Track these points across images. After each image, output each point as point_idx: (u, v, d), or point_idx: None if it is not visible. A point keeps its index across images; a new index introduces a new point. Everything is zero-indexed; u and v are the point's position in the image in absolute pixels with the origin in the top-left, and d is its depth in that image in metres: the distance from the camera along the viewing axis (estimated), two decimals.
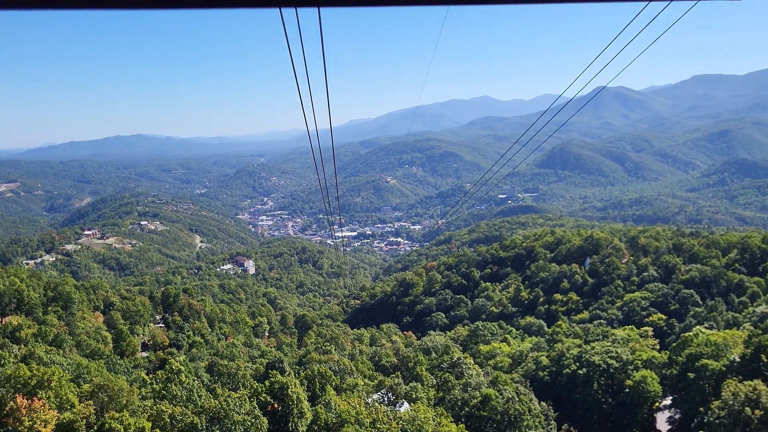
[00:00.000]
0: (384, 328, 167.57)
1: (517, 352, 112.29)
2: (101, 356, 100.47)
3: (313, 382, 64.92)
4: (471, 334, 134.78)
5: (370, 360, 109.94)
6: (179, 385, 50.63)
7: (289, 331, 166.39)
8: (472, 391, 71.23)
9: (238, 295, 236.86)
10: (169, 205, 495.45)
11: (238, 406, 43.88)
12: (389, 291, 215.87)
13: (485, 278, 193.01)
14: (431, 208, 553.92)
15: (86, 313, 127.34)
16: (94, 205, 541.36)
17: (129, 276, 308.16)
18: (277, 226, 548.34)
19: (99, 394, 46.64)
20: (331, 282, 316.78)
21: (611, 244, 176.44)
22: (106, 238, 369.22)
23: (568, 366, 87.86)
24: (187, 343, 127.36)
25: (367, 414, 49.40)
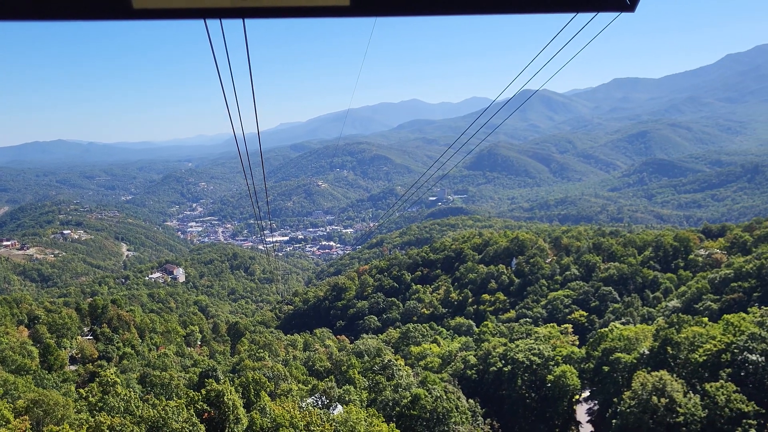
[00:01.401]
0: (317, 332, 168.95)
1: (446, 352, 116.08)
2: (28, 372, 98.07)
3: (248, 389, 66.20)
4: (402, 336, 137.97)
5: (304, 365, 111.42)
6: (116, 396, 51.25)
7: (221, 339, 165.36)
8: (403, 391, 74.09)
9: (169, 304, 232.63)
10: (93, 213, 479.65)
11: (176, 415, 45.07)
12: (322, 296, 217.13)
13: (416, 281, 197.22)
14: (363, 212, 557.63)
15: (9, 328, 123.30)
16: (12, 214, 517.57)
17: (52, 288, 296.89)
18: (207, 232, 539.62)
19: (34, 409, 46.80)
20: (263, 288, 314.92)
21: (536, 244, 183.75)
22: (26, 248, 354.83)
23: (495, 364, 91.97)
24: (118, 354, 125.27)
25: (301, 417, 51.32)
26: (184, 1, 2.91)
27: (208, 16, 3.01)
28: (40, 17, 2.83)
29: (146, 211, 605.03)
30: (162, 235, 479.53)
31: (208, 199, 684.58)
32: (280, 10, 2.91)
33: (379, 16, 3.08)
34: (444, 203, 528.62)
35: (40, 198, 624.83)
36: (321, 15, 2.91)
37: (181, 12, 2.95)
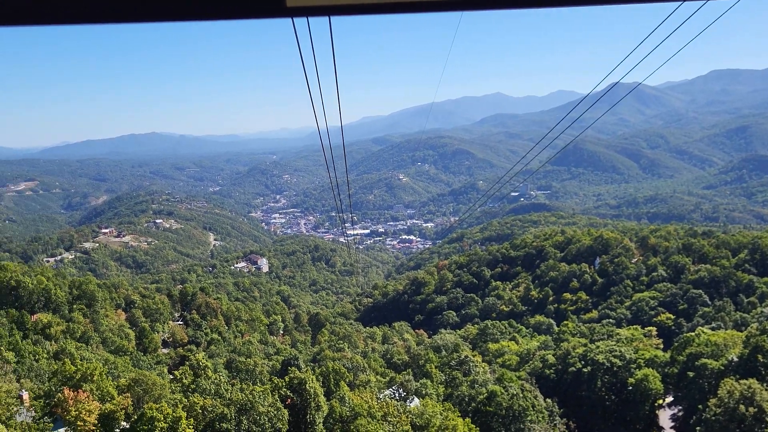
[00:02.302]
0: (396, 326, 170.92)
1: (524, 350, 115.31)
2: (126, 353, 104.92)
3: (328, 378, 68.53)
4: (480, 332, 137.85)
5: (382, 357, 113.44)
6: (207, 379, 54.61)
7: (303, 329, 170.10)
8: (479, 387, 74.55)
9: (253, 293, 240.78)
10: (183, 204, 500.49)
11: (262, 399, 47.62)
12: (401, 289, 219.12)
13: (496, 277, 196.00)
14: (443, 206, 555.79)
15: (109, 311, 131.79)
16: (110, 203, 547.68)
17: (145, 274, 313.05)
18: (289, 224, 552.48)
19: (135, 388, 50.64)
20: (343, 280, 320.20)
21: (621, 243, 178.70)
22: (122, 236, 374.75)
23: (574, 364, 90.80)
24: (206, 340, 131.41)
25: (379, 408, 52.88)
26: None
27: (355, 12, 3.10)
28: (194, 17, 2.91)
29: (232, 202, 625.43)
30: (247, 225, 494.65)
31: (291, 192, 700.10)
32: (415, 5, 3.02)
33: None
34: (526, 199, 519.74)
35: (135, 188, 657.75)
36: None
37: (332, 9, 3.07)
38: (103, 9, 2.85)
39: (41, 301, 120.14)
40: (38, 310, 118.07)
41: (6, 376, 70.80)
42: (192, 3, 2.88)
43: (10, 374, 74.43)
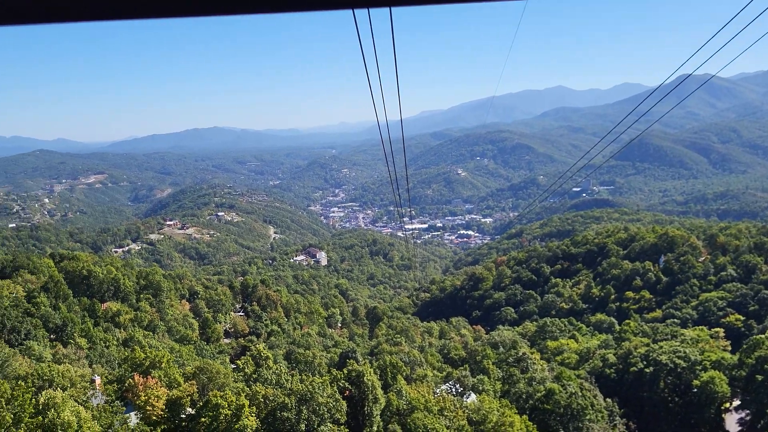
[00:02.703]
0: (453, 321, 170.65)
1: (584, 349, 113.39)
2: (190, 342, 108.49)
3: (385, 372, 69.21)
4: (539, 329, 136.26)
5: (439, 352, 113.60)
6: (268, 369, 56.16)
7: (360, 323, 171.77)
8: (537, 385, 73.87)
9: (311, 286, 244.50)
10: (244, 197, 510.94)
11: (322, 390, 48.70)
12: (459, 285, 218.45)
13: (555, 274, 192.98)
14: (502, 201, 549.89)
15: (174, 301, 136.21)
16: (174, 195, 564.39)
17: (208, 265, 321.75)
18: (348, 217, 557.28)
19: (200, 375, 52.57)
20: (401, 274, 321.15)
21: (687, 242, 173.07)
22: (186, 228, 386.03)
23: (635, 364, 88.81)
24: (266, 331, 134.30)
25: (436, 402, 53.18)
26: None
27: (416, 3, 3.06)
28: (262, 10, 2.88)
29: (292, 195, 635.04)
30: (306, 219, 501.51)
31: (350, 186, 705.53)
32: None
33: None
34: (588, 194, 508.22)
35: (198, 181, 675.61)
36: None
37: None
38: (186, 4, 2.86)
39: (111, 291, 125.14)
40: (108, 298, 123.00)
41: (79, 361, 74.37)
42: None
43: (83, 359, 78.13)
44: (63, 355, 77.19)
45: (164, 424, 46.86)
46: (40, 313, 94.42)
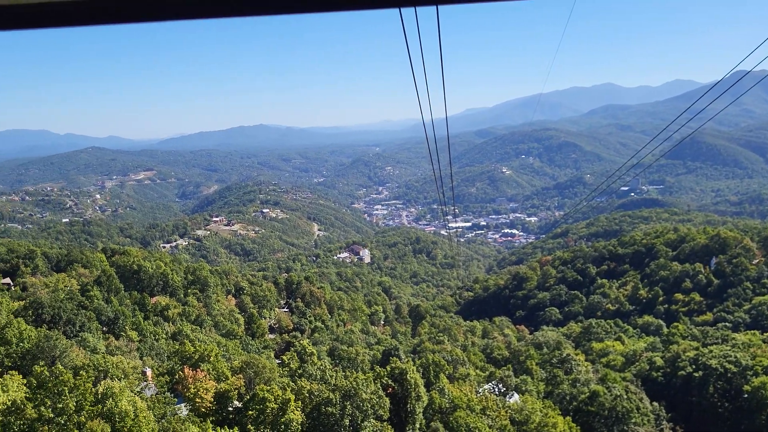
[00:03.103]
0: (496, 321, 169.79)
1: (630, 351, 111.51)
2: (235, 336, 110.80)
3: (428, 370, 69.53)
4: (584, 331, 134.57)
5: (482, 352, 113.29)
6: (312, 365, 57.20)
7: (403, 321, 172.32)
8: (581, 386, 73.15)
9: (355, 284, 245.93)
10: (288, 194, 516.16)
11: (366, 386, 49.39)
12: (502, 284, 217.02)
13: (602, 275, 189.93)
14: (548, 200, 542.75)
15: (220, 296, 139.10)
16: (220, 192, 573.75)
17: (253, 261, 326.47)
18: (391, 215, 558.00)
19: (247, 370, 53.91)
20: (444, 273, 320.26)
21: (740, 243, 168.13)
22: (231, 224, 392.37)
23: (684, 368, 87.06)
24: (309, 327, 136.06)
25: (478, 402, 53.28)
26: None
27: (464, 0, 3.16)
28: (313, 9, 2.92)
29: (336, 193, 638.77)
30: (350, 216, 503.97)
31: (393, 183, 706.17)
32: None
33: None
34: (637, 194, 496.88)
35: (243, 178, 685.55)
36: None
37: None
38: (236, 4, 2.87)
39: (159, 285, 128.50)
40: (157, 293, 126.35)
41: (131, 353, 76.84)
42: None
43: (134, 352, 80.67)
44: (115, 347, 79.88)
45: (212, 416, 48.19)
46: (93, 306, 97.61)
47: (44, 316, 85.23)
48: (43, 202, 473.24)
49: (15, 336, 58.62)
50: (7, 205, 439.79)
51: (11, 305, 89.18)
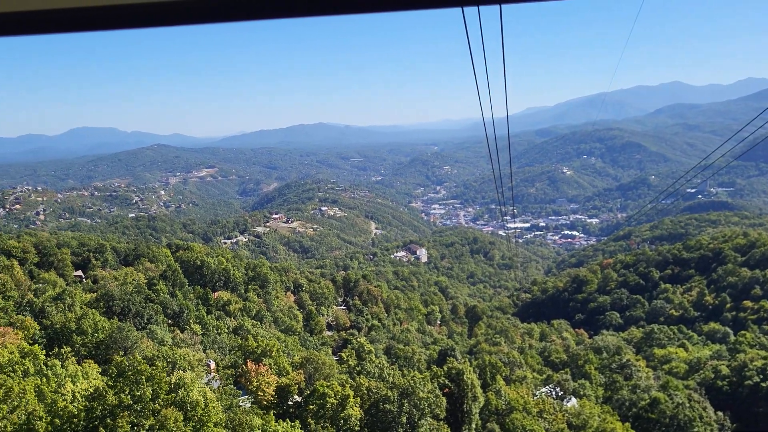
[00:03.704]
0: (555, 324, 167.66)
1: (694, 359, 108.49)
2: (294, 332, 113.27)
3: (485, 371, 69.71)
4: (646, 336, 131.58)
5: (540, 355, 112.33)
6: (371, 363, 58.37)
7: (459, 321, 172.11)
8: (641, 393, 71.90)
9: (411, 283, 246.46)
10: (346, 192, 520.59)
11: (423, 385, 50.19)
12: (561, 286, 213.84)
13: (665, 279, 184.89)
14: (610, 201, 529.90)
15: (279, 293, 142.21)
16: (280, 190, 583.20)
17: (311, 259, 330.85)
18: (448, 215, 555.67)
19: (307, 365, 55.46)
20: (501, 274, 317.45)
21: None
22: (290, 221, 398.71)
23: (751, 377, 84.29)
24: (366, 326, 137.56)
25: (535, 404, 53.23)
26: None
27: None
28: (380, 9, 2.97)
29: (393, 192, 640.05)
30: (407, 215, 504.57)
31: (451, 183, 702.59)
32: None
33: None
34: (705, 196, 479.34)
35: (302, 176, 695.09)
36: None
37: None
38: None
39: (221, 280, 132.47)
40: (219, 288, 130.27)
41: (195, 346, 79.74)
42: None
43: (198, 345, 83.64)
44: (180, 339, 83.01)
45: (273, 409, 49.84)
46: (159, 300, 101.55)
47: (114, 308, 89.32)
48: (110, 197, 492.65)
49: (90, 326, 61.94)
50: (77, 200, 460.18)
51: (84, 297, 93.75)
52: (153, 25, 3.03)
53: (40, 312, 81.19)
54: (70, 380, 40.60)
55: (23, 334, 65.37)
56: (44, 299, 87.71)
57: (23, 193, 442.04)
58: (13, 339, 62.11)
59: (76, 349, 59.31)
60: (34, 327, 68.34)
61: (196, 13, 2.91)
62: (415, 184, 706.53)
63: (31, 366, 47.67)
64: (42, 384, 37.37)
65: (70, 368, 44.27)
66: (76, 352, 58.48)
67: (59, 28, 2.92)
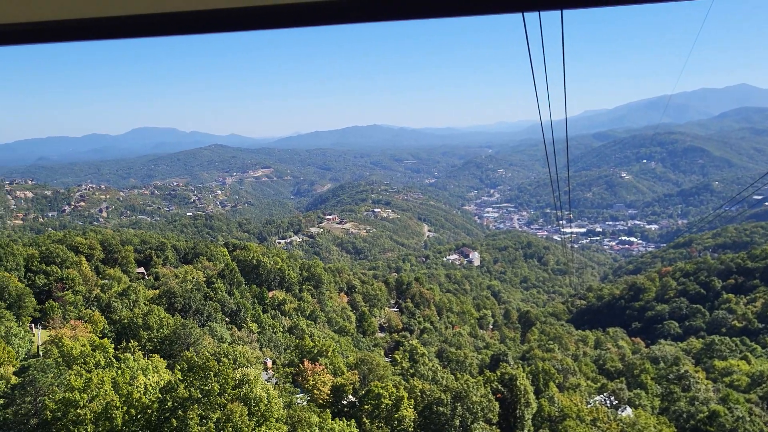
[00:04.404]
0: (610, 331, 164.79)
1: (757, 372, 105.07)
2: (347, 333, 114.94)
3: (537, 378, 69.57)
4: (706, 347, 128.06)
5: (594, 363, 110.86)
6: (424, 366, 59.23)
7: (512, 326, 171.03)
8: (699, 405, 70.40)
9: (463, 286, 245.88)
10: (399, 194, 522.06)
11: (476, 389, 50.72)
12: (618, 294, 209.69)
13: (728, 289, 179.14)
14: (670, 207, 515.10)
15: (333, 293, 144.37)
16: (333, 191, 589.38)
17: (363, 260, 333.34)
18: (502, 218, 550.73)
19: (361, 366, 56.73)
20: (555, 279, 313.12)
21: None
22: (343, 223, 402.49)
23: None
24: (418, 328, 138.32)
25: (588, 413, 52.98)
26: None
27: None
28: (447, 14, 2.93)
29: (446, 194, 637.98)
30: (460, 218, 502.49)
31: (505, 186, 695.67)
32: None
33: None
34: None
35: (356, 177, 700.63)
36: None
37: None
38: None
39: (276, 280, 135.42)
40: (274, 287, 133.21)
41: (251, 344, 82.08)
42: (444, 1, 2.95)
43: (255, 343, 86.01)
44: (238, 337, 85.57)
45: (329, 408, 51.21)
46: (217, 298, 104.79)
47: (176, 305, 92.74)
48: (169, 196, 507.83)
49: (156, 322, 64.78)
50: (138, 198, 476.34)
51: (147, 293, 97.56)
52: (209, 31, 3.11)
53: (107, 307, 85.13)
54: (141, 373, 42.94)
55: (92, 328, 68.85)
56: (110, 295, 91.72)
57: (87, 191, 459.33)
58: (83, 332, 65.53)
59: (143, 343, 62.18)
60: (102, 321, 71.80)
61: (254, 20, 2.97)
62: (468, 186, 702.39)
63: (102, 358, 50.45)
64: (117, 376, 39.67)
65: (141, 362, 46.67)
66: (142, 347, 61.35)
67: (122, 34, 3.08)
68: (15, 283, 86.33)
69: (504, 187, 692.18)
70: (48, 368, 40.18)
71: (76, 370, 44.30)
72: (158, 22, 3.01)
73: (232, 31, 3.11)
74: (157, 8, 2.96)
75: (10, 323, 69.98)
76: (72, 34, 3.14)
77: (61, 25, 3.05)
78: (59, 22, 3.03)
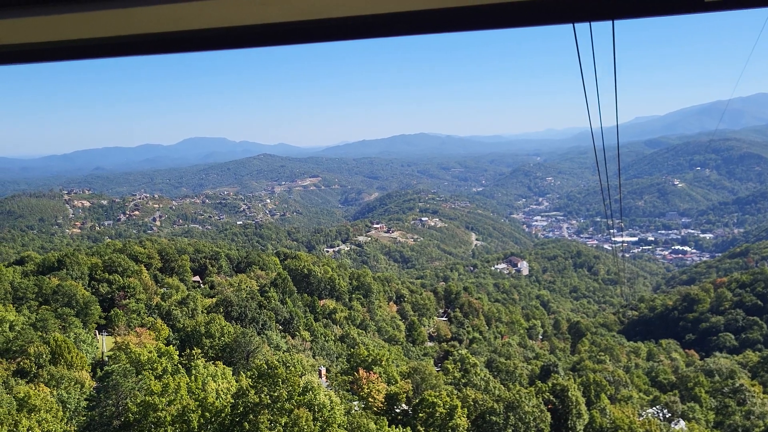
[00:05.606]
0: (663, 343, 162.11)
1: None
2: (397, 342, 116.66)
3: (589, 389, 69.90)
4: (763, 361, 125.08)
5: (646, 375, 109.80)
6: (476, 375, 60.52)
7: (562, 336, 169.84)
8: (755, 419, 69.56)
9: (512, 296, 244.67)
10: (447, 203, 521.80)
11: (528, 400, 51.77)
12: (671, 305, 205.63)
13: None
14: (725, 216, 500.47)
15: (382, 303, 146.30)
16: (381, 200, 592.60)
17: (411, 269, 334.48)
18: (551, 227, 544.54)
19: (414, 375, 58.39)
20: (606, 289, 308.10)
21: None
22: (391, 231, 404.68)
23: None
24: (467, 338, 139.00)
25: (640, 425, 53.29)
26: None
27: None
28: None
29: (494, 203, 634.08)
30: (508, 227, 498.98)
31: (554, 194, 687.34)
32: None
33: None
34: None
35: (403, 186, 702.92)
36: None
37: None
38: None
39: (327, 289, 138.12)
40: (324, 296, 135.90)
41: (305, 352, 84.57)
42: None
43: (308, 351, 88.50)
44: (292, 345, 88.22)
45: (383, 416, 52.96)
46: (271, 306, 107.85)
47: (232, 314, 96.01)
48: (220, 205, 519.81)
49: (217, 331, 67.78)
50: (190, 207, 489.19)
51: (204, 302, 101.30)
52: (256, 45, 3.15)
53: (167, 314, 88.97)
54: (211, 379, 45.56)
55: (155, 335, 72.44)
56: (170, 303, 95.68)
57: (141, 200, 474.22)
58: (147, 339, 69.13)
59: (205, 350, 65.16)
60: (166, 329, 75.30)
61: (307, 34, 2.97)
62: (516, 195, 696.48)
63: (169, 365, 53.47)
64: (190, 381, 42.33)
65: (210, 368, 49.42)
66: (204, 354, 64.33)
67: (163, 50, 3.07)
68: (81, 291, 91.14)
69: (553, 195, 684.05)
70: (129, 373, 43.21)
71: (146, 375, 47.29)
72: (221, 35, 2.96)
73: (285, 44, 3.12)
74: (223, 23, 2.90)
75: (78, 330, 74.23)
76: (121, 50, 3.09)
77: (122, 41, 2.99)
78: (118, 37, 2.96)
